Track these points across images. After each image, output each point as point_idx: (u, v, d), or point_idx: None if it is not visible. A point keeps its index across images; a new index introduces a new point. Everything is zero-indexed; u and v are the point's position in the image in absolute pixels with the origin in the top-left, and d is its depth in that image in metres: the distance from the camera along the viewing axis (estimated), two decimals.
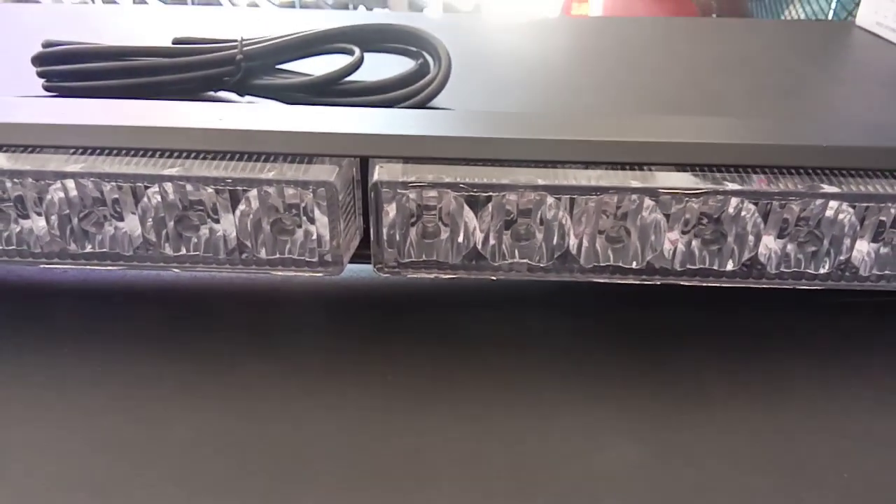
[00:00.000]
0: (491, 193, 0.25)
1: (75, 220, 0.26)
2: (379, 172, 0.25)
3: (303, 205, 0.26)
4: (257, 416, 0.24)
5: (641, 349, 0.27)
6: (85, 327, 0.28)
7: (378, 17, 0.94)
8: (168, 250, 0.26)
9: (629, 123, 0.28)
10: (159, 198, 0.25)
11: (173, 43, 0.48)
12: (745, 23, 0.97)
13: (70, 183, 0.25)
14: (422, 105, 0.44)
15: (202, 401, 0.25)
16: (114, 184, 0.25)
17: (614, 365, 0.27)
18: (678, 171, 0.26)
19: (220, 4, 2.52)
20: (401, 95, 0.45)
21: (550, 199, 0.25)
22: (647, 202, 0.25)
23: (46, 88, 0.45)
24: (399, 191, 0.25)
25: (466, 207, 0.26)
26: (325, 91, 0.45)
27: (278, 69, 0.47)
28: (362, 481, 0.22)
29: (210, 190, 0.25)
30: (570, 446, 0.23)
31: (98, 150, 0.26)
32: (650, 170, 0.26)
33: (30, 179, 0.25)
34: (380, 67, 0.45)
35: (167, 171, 0.25)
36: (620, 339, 0.28)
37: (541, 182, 0.25)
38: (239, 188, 0.25)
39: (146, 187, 0.25)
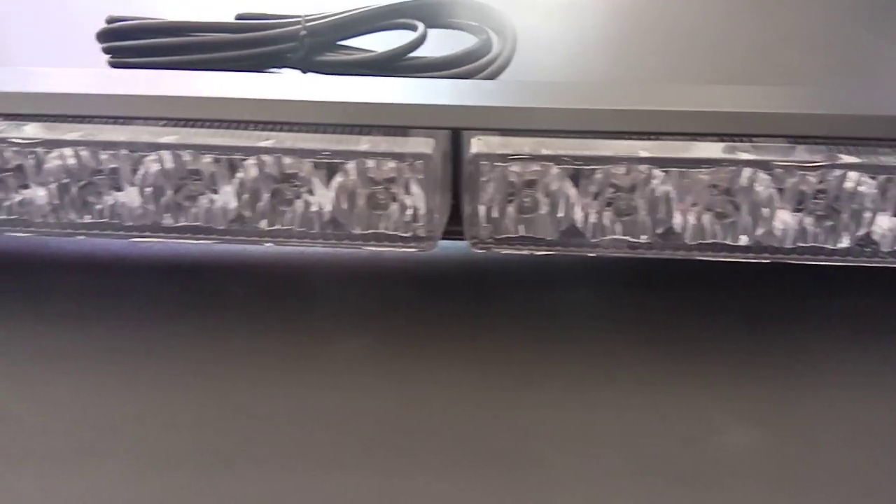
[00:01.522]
0: (595, 167, 0.24)
1: (169, 193, 0.26)
2: (477, 145, 0.25)
3: (399, 178, 0.25)
4: (359, 391, 0.24)
5: (745, 329, 0.26)
6: (176, 300, 0.28)
7: None
8: (263, 224, 0.26)
9: (734, 93, 0.27)
10: (256, 171, 0.25)
11: (236, 19, 0.47)
12: None
13: (167, 154, 0.25)
14: (490, 80, 0.43)
15: (302, 375, 0.24)
16: (211, 156, 0.25)
17: (718, 345, 0.26)
18: (789, 143, 0.25)
19: None
20: (467, 71, 0.44)
21: (658, 173, 0.24)
22: (762, 176, 0.24)
23: (112, 64, 0.45)
24: (497, 164, 0.25)
25: (568, 181, 0.25)
26: (389, 67, 0.44)
27: (340, 45, 0.46)
28: (472, 460, 0.21)
29: (308, 162, 0.25)
30: (683, 428, 0.22)
31: (191, 122, 0.25)
32: (758, 142, 0.25)
33: (124, 151, 0.25)
34: (434, 43, 0.44)
35: (263, 143, 0.25)
36: (721, 319, 0.27)
37: (646, 154, 0.24)
38: (337, 160, 0.25)
39: (242, 160, 0.25)
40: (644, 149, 0.24)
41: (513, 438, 0.22)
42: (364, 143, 0.25)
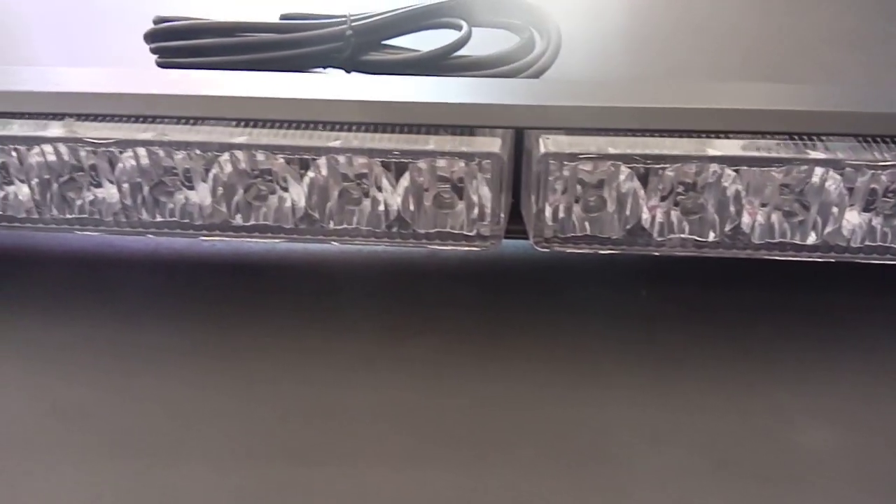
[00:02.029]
0: (664, 165, 0.25)
1: (240, 192, 0.26)
2: (546, 144, 0.25)
3: (467, 177, 0.25)
4: (437, 389, 0.24)
5: (816, 327, 0.26)
6: (243, 300, 0.28)
7: None
8: (331, 224, 0.26)
9: (801, 92, 0.27)
10: (326, 170, 0.25)
11: (280, 19, 0.48)
12: None
13: (240, 154, 0.25)
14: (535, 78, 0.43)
15: (379, 373, 0.25)
16: (283, 156, 0.25)
17: (791, 343, 0.26)
18: (860, 142, 0.25)
19: None
20: (512, 69, 0.44)
21: (729, 172, 0.24)
22: (833, 175, 0.24)
23: (159, 64, 0.45)
24: (566, 163, 0.25)
25: (636, 180, 0.25)
26: (435, 66, 0.44)
27: (384, 45, 0.47)
28: (550, 458, 0.22)
29: (377, 162, 0.25)
30: (762, 424, 0.22)
31: (261, 123, 0.26)
32: (829, 141, 0.25)
33: (197, 151, 0.25)
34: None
35: (333, 143, 0.25)
36: (793, 319, 0.27)
37: (717, 153, 0.24)
38: (406, 160, 0.25)
39: (314, 159, 0.25)
40: (713, 147, 0.24)
41: (590, 438, 0.22)
42: (433, 143, 0.25)
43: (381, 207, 0.26)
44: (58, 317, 0.27)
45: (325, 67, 0.46)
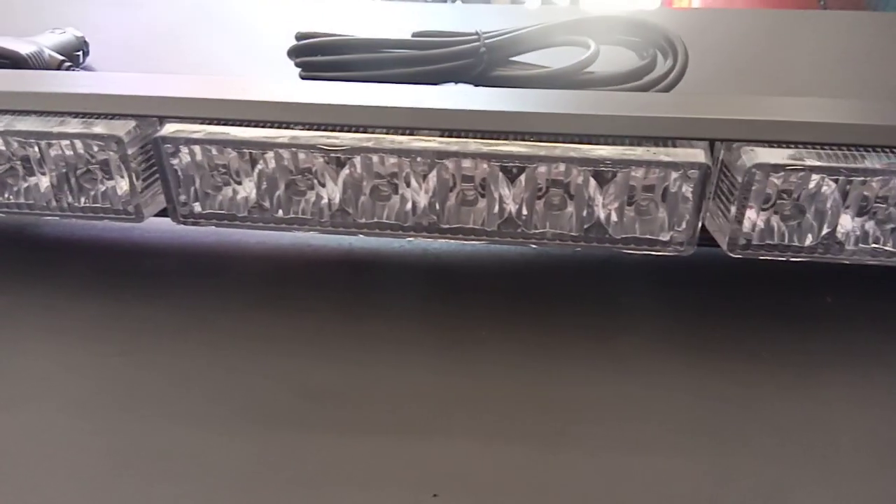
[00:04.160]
0: (864, 178, 0.26)
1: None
2: (751, 155, 0.26)
3: (671, 185, 0.27)
4: (650, 380, 0.26)
5: None
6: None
7: (585, 11, 0.95)
8: (537, 226, 0.28)
9: None
10: (524, 181, 0.27)
11: (413, 36, 0.50)
12: (865, 15, 0.93)
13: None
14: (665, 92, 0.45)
15: (598, 365, 0.26)
16: (499, 163, 0.27)
17: None
18: None
19: None
20: (641, 85, 0.46)
21: None
22: None
23: (302, 77, 0.48)
24: (771, 174, 0.26)
25: (836, 192, 0.26)
26: (566, 82, 0.46)
27: (511, 61, 0.49)
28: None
29: (585, 170, 0.27)
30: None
31: (456, 132, 0.28)
32: None
33: (418, 158, 0.27)
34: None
35: (546, 153, 0.27)
36: None
37: None
38: (615, 169, 0.27)
39: (522, 167, 0.27)
40: None
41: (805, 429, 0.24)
42: (642, 153, 0.27)
43: (584, 213, 0.28)
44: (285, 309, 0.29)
45: (455, 82, 0.48)
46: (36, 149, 0.28)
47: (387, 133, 0.28)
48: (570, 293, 0.30)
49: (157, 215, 0.30)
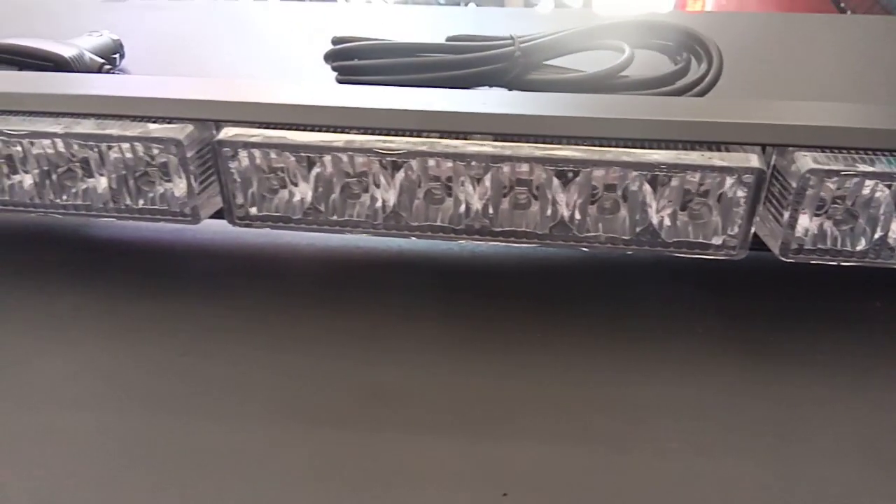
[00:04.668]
0: None
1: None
2: (803, 161, 0.26)
3: (725, 190, 0.27)
4: (704, 381, 0.26)
5: None
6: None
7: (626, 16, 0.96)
8: (591, 230, 0.28)
9: None
10: (581, 181, 0.27)
11: (447, 41, 0.50)
12: (882, 20, 0.93)
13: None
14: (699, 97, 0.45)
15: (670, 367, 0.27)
16: (556, 168, 0.27)
17: None
18: None
19: (335, 0, 2.61)
20: (675, 89, 0.46)
21: None
22: None
23: (339, 81, 0.48)
24: (825, 179, 0.26)
25: (887, 196, 0.26)
26: (600, 86, 0.46)
27: (545, 65, 0.49)
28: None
29: (641, 175, 0.27)
30: None
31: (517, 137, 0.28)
32: None
33: (473, 162, 0.28)
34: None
35: (599, 157, 0.27)
36: None
37: None
38: (670, 174, 0.27)
39: (577, 171, 0.27)
40: None
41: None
42: (697, 157, 0.27)
43: (637, 217, 0.28)
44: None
45: (489, 86, 0.49)
46: (96, 151, 0.29)
47: (440, 137, 0.29)
48: (621, 296, 0.30)
49: (210, 217, 0.30)
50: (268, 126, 0.29)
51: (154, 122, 0.29)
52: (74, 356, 0.27)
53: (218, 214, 0.31)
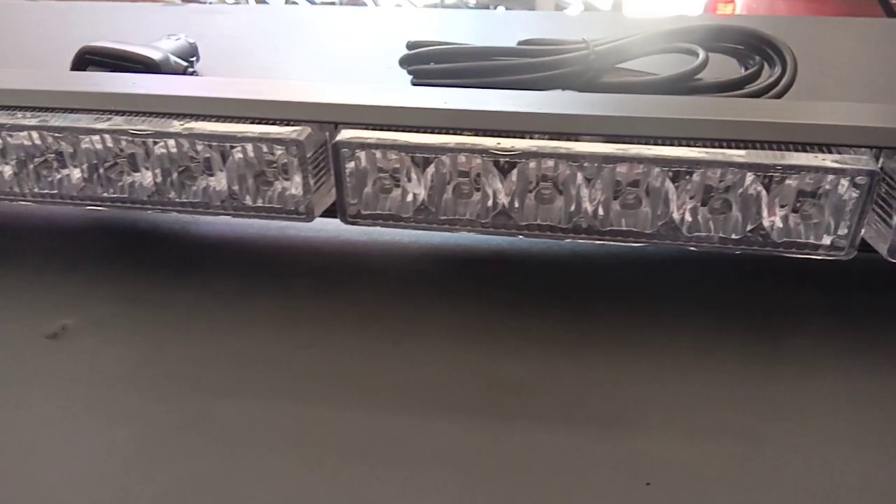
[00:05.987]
0: None
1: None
2: None
3: (834, 191, 0.27)
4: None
5: None
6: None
7: (689, 19, 0.96)
8: (696, 232, 0.29)
9: None
10: (697, 181, 0.28)
11: (519, 44, 0.51)
12: None
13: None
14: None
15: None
16: (658, 168, 0.28)
17: None
18: None
19: (365, 4, 2.63)
20: (750, 92, 0.46)
21: None
22: None
23: (414, 84, 0.49)
24: None
25: None
26: (675, 89, 0.47)
27: (617, 68, 0.50)
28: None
29: (751, 177, 0.27)
30: None
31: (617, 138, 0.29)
32: None
33: (586, 163, 0.28)
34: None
35: (702, 156, 0.27)
36: None
37: None
38: (783, 175, 0.27)
39: (689, 171, 0.28)
40: None
41: None
42: (810, 159, 0.27)
43: (748, 217, 0.28)
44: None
45: (563, 89, 0.49)
46: (217, 151, 0.30)
47: (549, 139, 0.29)
48: (730, 296, 0.31)
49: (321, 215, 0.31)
50: (380, 128, 0.30)
51: (272, 123, 0.30)
52: (206, 344, 0.28)
53: (326, 212, 0.32)
